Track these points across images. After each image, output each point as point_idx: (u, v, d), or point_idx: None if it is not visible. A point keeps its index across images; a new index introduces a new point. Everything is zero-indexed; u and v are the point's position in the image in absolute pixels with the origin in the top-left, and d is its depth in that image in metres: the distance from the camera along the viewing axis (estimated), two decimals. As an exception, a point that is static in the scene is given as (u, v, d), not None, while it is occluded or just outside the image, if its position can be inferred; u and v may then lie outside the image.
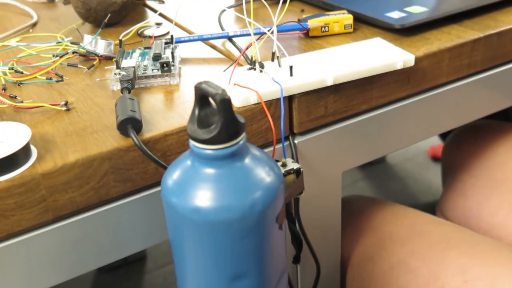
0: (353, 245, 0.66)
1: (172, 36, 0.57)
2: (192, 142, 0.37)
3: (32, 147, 0.42)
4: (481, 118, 0.64)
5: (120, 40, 0.57)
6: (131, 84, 0.48)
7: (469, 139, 0.79)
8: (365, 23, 0.60)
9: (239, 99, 0.46)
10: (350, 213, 0.69)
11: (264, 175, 0.38)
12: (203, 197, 0.36)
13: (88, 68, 0.55)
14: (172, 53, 0.54)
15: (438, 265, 0.58)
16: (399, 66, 0.51)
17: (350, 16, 0.59)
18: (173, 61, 0.52)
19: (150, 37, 0.62)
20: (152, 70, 0.52)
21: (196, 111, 0.36)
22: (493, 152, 0.73)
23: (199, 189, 0.37)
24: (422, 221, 0.65)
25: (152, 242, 0.48)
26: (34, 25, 0.71)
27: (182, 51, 0.58)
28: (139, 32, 0.64)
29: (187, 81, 0.52)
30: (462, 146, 0.79)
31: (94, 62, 0.56)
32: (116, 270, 1.19)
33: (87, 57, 0.57)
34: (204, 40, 0.59)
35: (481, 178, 0.72)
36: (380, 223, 0.66)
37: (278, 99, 0.47)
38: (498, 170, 0.71)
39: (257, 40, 0.52)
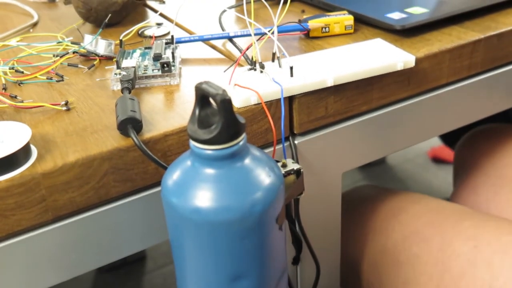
0: (362, 219, 0.68)
1: (172, 36, 0.57)
2: (192, 143, 0.37)
3: (32, 147, 0.42)
4: (488, 121, 0.64)
5: (121, 40, 0.57)
6: (132, 84, 0.49)
7: (483, 140, 0.82)
8: (366, 24, 0.60)
9: (240, 100, 0.46)
10: (362, 200, 0.72)
11: (264, 175, 0.38)
12: (203, 198, 0.36)
13: (89, 68, 0.55)
14: (173, 53, 0.54)
15: (450, 233, 0.60)
16: (399, 67, 0.51)
17: (351, 17, 0.59)
18: (173, 61, 0.52)
19: (150, 37, 0.62)
20: (153, 70, 0.52)
21: (197, 112, 0.36)
22: (505, 153, 0.76)
23: (199, 189, 0.37)
24: (436, 201, 0.68)
25: (152, 242, 0.48)
26: (34, 25, 0.71)
27: (183, 51, 0.58)
28: (139, 32, 0.64)
29: (187, 81, 0.52)
30: (476, 146, 0.82)
31: (95, 62, 0.56)
32: (116, 270, 1.19)
33: (88, 57, 0.57)
34: (205, 40, 0.59)
35: (492, 176, 0.75)
36: (395, 203, 0.68)
37: (279, 100, 0.47)
38: (508, 170, 0.74)
39: (257, 40, 0.52)
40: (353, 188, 0.78)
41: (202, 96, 0.36)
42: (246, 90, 0.46)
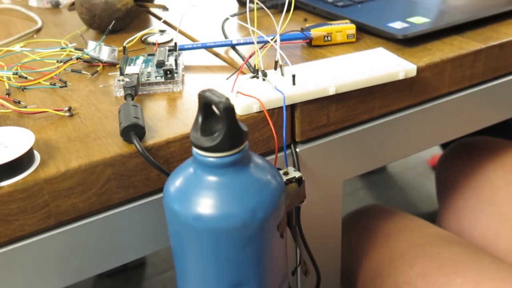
0: (365, 258, 0.67)
1: (175, 43, 0.57)
2: (195, 150, 0.37)
3: (36, 153, 0.42)
4: (477, 132, 0.64)
5: (124, 47, 0.57)
6: (135, 91, 0.49)
7: (460, 157, 0.81)
8: (368, 33, 0.61)
9: (242, 107, 0.46)
10: (364, 225, 0.71)
11: (266, 183, 0.38)
12: (205, 205, 0.36)
13: (92, 74, 0.55)
14: (176, 60, 0.54)
15: None
16: (401, 76, 0.51)
17: (353, 26, 0.59)
18: (176, 69, 0.53)
19: (153, 44, 0.62)
20: (156, 77, 0.52)
21: (200, 119, 0.37)
22: (482, 171, 0.75)
23: (201, 196, 0.37)
24: (435, 238, 0.66)
25: (153, 248, 0.48)
26: (38, 30, 0.72)
27: (186, 58, 0.59)
28: (143, 39, 0.65)
29: (190, 89, 0.52)
30: (454, 164, 0.81)
31: (98, 69, 0.57)
32: (116, 276, 1.19)
33: (91, 63, 0.58)
34: (208, 47, 0.59)
35: (470, 198, 0.74)
36: (394, 239, 0.67)
37: (281, 108, 0.47)
38: (486, 191, 0.73)
39: (260, 48, 0.52)
40: (358, 209, 0.76)
41: (205, 104, 0.36)
42: (248, 97, 0.46)
